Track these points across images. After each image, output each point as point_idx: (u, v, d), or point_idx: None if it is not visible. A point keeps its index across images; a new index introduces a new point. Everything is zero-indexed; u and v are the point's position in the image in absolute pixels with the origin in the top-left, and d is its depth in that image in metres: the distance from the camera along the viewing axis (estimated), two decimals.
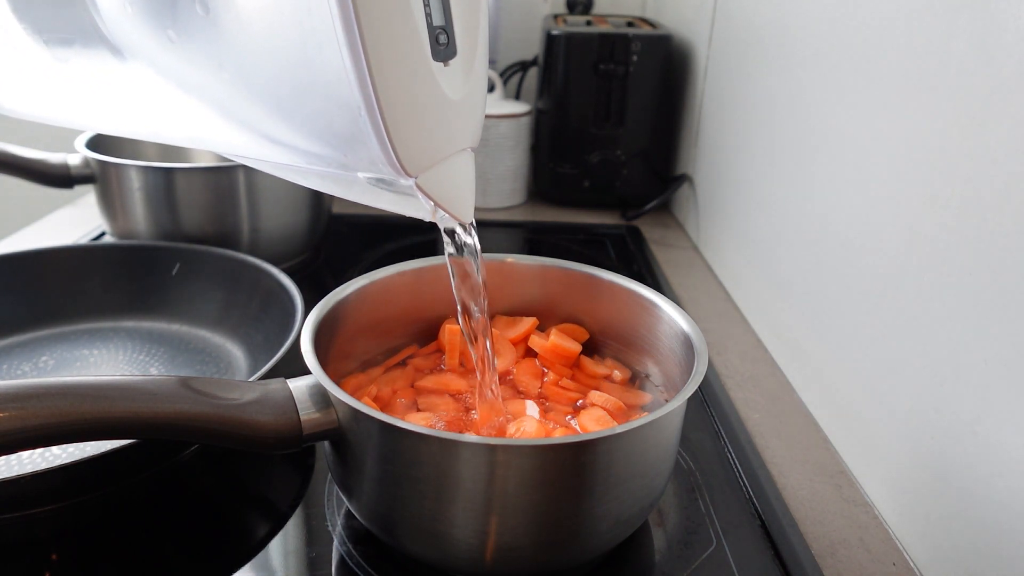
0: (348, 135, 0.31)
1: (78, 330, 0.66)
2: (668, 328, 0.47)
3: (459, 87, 0.34)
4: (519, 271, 0.54)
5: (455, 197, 0.37)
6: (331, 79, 0.29)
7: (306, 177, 0.38)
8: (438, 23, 0.32)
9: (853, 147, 0.55)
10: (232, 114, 0.34)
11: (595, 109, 0.99)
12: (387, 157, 0.32)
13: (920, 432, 0.45)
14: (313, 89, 0.31)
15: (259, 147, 0.35)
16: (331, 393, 0.38)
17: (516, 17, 1.21)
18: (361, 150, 0.32)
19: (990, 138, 0.40)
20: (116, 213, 0.74)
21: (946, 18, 0.44)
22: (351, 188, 0.37)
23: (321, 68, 0.30)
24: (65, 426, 0.34)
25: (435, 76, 0.32)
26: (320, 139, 0.33)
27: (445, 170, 0.35)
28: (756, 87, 0.75)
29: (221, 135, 0.37)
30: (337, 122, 0.31)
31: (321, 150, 0.33)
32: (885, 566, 0.45)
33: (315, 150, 0.33)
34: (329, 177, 0.36)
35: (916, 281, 0.46)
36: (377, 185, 0.35)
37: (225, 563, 0.43)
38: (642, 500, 0.40)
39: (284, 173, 0.39)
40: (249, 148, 0.37)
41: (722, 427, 0.56)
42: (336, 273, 0.83)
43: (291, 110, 0.32)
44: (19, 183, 0.77)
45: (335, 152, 0.33)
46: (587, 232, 0.98)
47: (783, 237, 0.67)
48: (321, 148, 0.33)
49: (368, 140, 0.31)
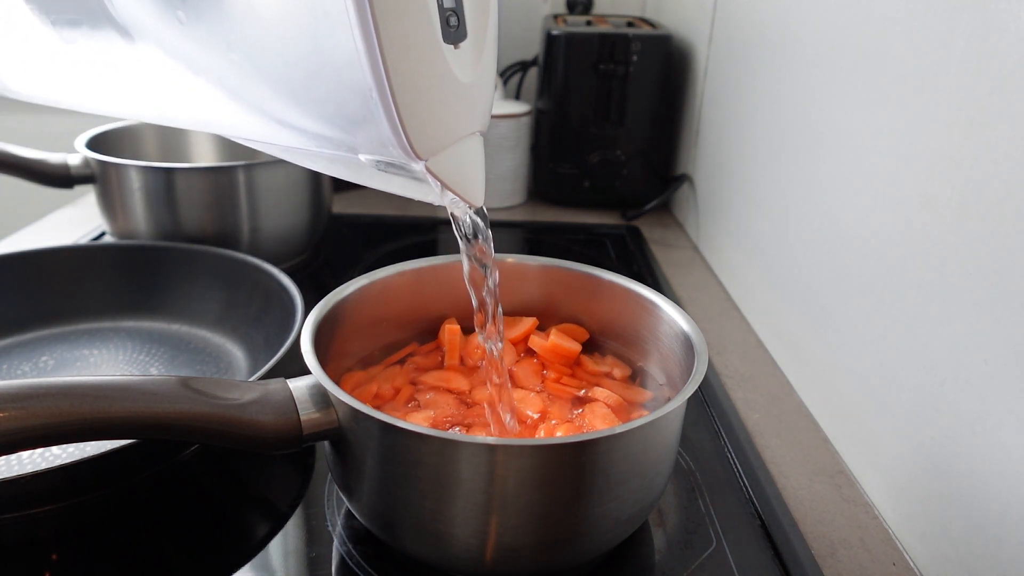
0: (359, 118, 0.31)
1: (78, 330, 0.66)
2: (668, 328, 0.47)
3: (469, 70, 0.34)
4: (519, 271, 0.54)
5: (465, 180, 0.36)
6: (342, 61, 0.29)
7: (314, 160, 0.38)
8: (449, 5, 0.32)
9: (853, 147, 0.55)
10: (241, 96, 0.34)
11: (595, 109, 0.99)
12: (398, 140, 0.31)
13: (920, 432, 0.45)
14: (324, 71, 0.30)
15: (268, 130, 0.35)
16: (331, 393, 0.38)
17: (516, 17, 1.21)
18: (372, 133, 0.31)
19: (990, 138, 0.40)
20: (116, 213, 0.74)
21: (946, 18, 0.44)
22: (360, 172, 0.36)
23: (332, 50, 0.29)
24: (65, 426, 0.34)
25: (446, 59, 0.32)
26: (330, 122, 0.33)
27: (455, 153, 0.35)
28: (756, 87, 0.75)
29: (229, 117, 0.36)
30: (348, 105, 0.31)
31: (331, 133, 0.33)
32: (885, 566, 0.45)
33: (325, 133, 0.33)
34: (339, 161, 0.36)
35: (916, 281, 0.46)
36: (386, 169, 0.35)
37: (225, 563, 0.43)
38: (642, 500, 0.40)
39: (292, 156, 0.39)
40: (257, 131, 0.36)
41: (722, 427, 0.56)
42: (336, 273, 0.83)
43: (301, 92, 0.32)
44: (19, 183, 0.77)
45: (345, 135, 0.33)
46: (587, 232, 0.98)
47: (783, 237, 0.67)
48: (331, 131, 0.33)
49: (379, 123, 0.31)
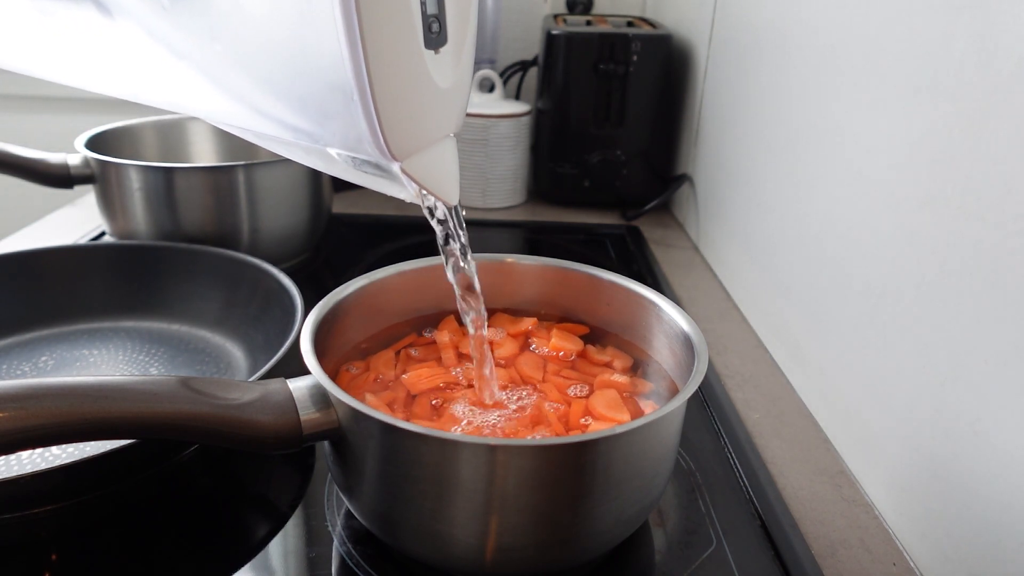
0: (338, 116, 0.32)
1: (78, 330, 0.66)
2: (668, 328, 0.47)
3: (448, 75, 0.35)
4: (519, 271, 0.54)
5: (439, 180, 0.37)
6: (326, 63, 0.30)
7: (289, 149, 0.39)
8: (432, 11, 0.33)
9: (853, 147, 0.55)
10: (220, 84, 0.35)
11: (595, 109, 0.99)
12: (375, 141, 0.32)
13: (920, 432, 0.45)
14: (307, 71, 0.31)
15: (245, 117, 0.36)
16: (331, 393, 0.38)
17: (516, 17, 1.21)
18: (350, 132, 0.32)
19: (990, 138, 0.40)
20: (116, 213, 0.74)
21: (946, 18, 0.44)
22: (333, 164, 0.37)
23: (317, 51, 0.30)
24: (65, 426, 0.34)
25: (427, 64, 0.33)
26: (309, 117, 0.33)
27: (430, 155, 0.36)
28: (756, 87, 0.75)
29: (206, 102, 0.37)
30: (328, 103, 0.32)
31: (309, 127, 0.34)
32: (885, 566, 0.45)
33: (302, 126, 0.34)
34: (314, 152, 0.37)
35: (916, 281, 0.46)
36: (360, 167, 0.35)
37: (225, 563, 0.43)
38: (642, 500, 0.40)
39: (268, 144, 0.40)
40: (234, 117, 0.37)
41: (722, 427, 0.56)
42: (336, 273, 0.83)
43: (283, 88, 0.33)
44: (19, 183, 0.77)
45: (323, 130, 0.34)
46: (587, 232, 0.98)
47: (783, 237, 0.67)
48: (309, 125, 0.34)
49: (358, 123, 0.32)
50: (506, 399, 0.46)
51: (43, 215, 0.96)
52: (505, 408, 0.45)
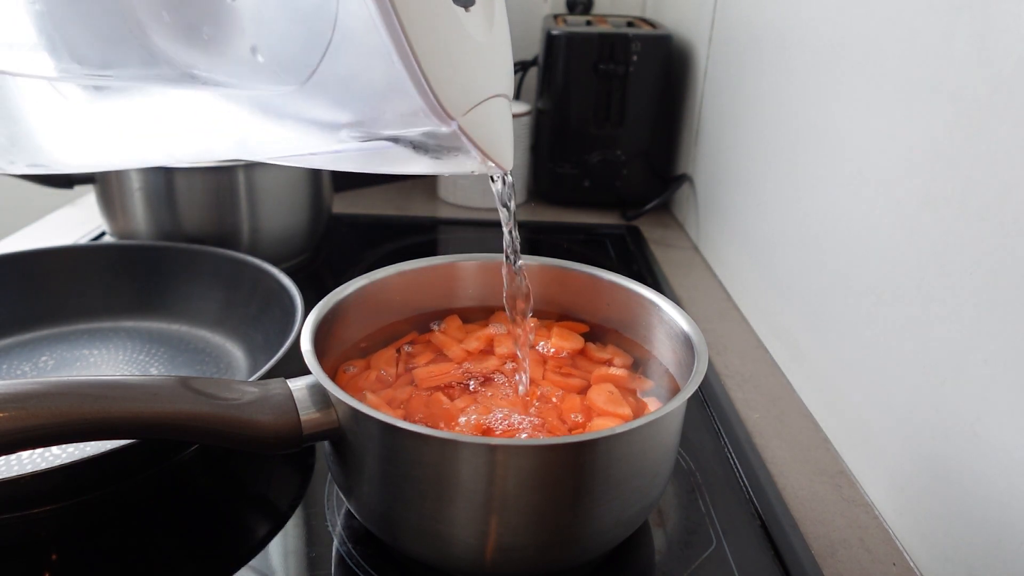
0: (384, 86, 0.31)
1: (78, 330, 0.66)
2: (668, 328, 0.47)
3: (483, 31, 0.34)
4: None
5: (496, 141, 0.36)
6: (359, 30, 0.29)
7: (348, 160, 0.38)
8: None
9: (853, 147, 0.55)
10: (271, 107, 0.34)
11: (595, 109, 0.99)
12: (426, 101, 0.31)
13: (920, 432, 0.45)
14: (342, 46, 0.30)
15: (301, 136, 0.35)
16: (331, 393, 0.38)
17: (516, 17, 1.20)
18: (399, 102, 0.31)
19: (990, 138, 0.40)
20: (116, 213, 0.74)
21: (946, 18, 0.44)
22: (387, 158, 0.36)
23: (347, 22, 0.29)
24: (65, 426, 0.34)
25: (459, 18, 0.33)
26: (357, 100, 0.32)
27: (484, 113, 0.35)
28: (756, 87, 0.75)
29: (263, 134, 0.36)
30: (372, 75, 0.31)
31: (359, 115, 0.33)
32: (885, 566, 0.45)
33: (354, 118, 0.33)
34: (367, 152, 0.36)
35: (916, 281, 0.46)
36: (416, 150, 0.35)
37: (225, 563, 0.43)
38: (642, 500, 0.40)
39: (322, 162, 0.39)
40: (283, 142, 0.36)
41: (722, 427, 0.56)
42: (336, 273, 0.83)
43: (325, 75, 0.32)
44: (19, 183, 0.77)
45: (374, 111, 0.33)
46: (587, 232, 0.98)
47: (783, 237, 0.67)
48: (359, 112, 0.33)
49: (405, 86, 0.31)
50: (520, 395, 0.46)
51: (43, 215, 0.96)
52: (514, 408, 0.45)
